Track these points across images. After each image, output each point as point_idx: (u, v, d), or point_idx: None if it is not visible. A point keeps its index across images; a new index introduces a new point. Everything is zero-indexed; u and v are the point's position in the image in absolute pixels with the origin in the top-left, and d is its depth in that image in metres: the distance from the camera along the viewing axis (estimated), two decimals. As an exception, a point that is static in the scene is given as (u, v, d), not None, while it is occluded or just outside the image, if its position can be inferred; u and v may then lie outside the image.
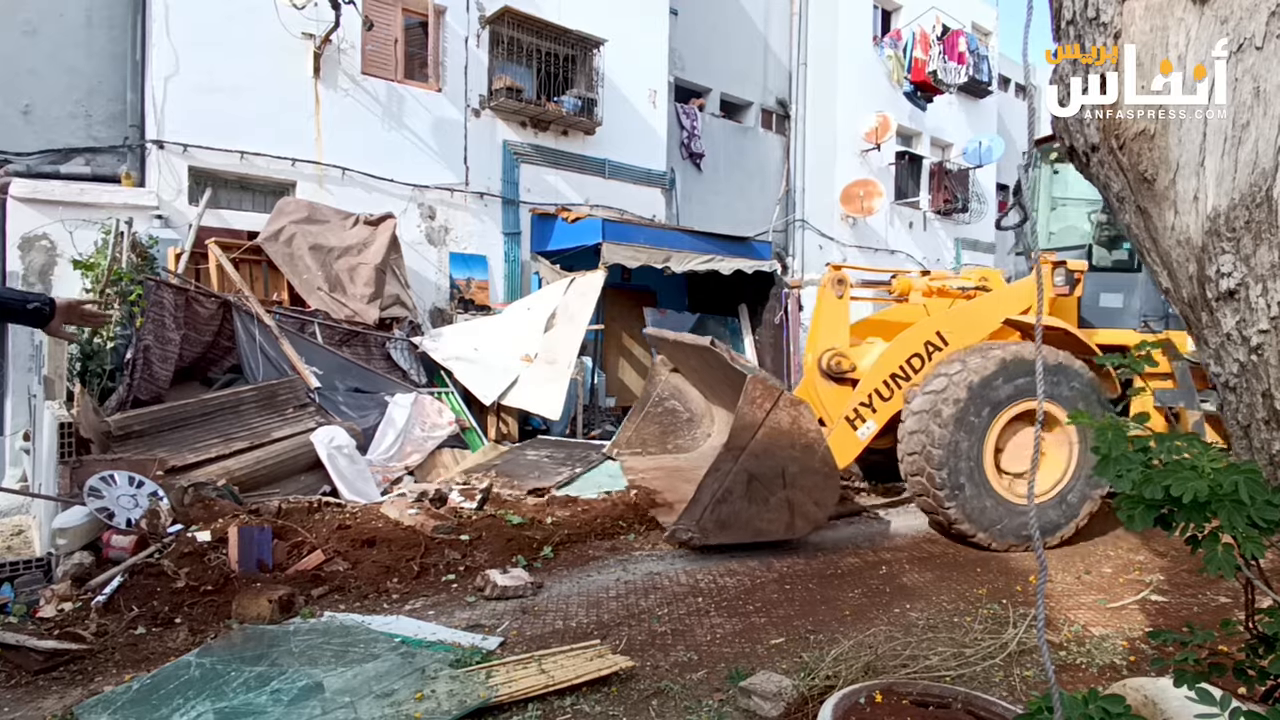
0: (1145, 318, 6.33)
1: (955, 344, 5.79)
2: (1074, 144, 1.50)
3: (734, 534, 4.96)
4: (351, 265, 8.64)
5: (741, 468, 4.85)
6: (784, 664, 3.51)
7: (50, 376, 5.28)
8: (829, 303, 6.28)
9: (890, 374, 5.75)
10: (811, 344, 6.30)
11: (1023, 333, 6.14)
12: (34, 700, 3.03)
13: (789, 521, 5.09)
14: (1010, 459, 5.62)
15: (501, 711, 3.00)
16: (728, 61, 14.45)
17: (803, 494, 5.07)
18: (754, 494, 4.95)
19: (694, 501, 4.92)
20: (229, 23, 8.80)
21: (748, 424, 4.84)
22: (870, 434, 5.76)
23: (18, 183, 7.76)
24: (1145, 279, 6.33)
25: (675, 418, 6.90)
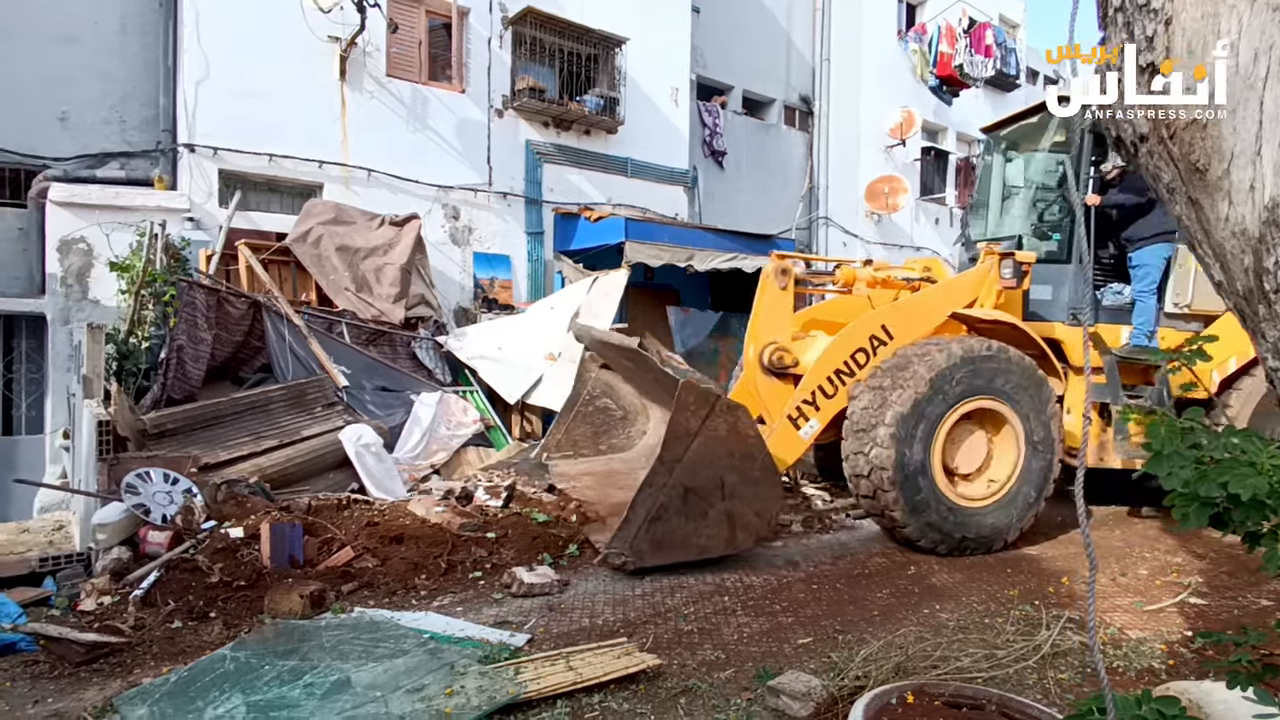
0: (1074, 310, 6.16)
1: (901, 338, 5.60)
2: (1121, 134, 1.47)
3: (672, 553, 4.65)
4: (378, 266, 8.74)
5: (677, 481, 4.54)
6: (812, 664, 3.48)
7: (88, 376, 5.40)
8: (772, 294, 5.93)
9: (834, 370, 5.52)
10: (752, 337, 5.95)
11: (970, 326, 5.96)
12: (75, 691, 3.10)
13: (729, 535, 4.78)
14: (958, 459, 5.43)
15: (530, 708, 3.01)
16: (750, 58, 14.38)
17: (743, 505, 4.78)
18: (691, 509, 4.64)
19: (626, 521, 4.57)
20: (258, 28, 8.93)
21: (682, 434, 4.51)
22: (813, 433, 5.52)
23: (56, 187, 7.94)
24: (1075, 271, 6.17)
25: (608, 416, 6.47)
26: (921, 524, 5.11)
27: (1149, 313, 6.07)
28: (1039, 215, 6.68)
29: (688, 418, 4.52)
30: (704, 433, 4.57)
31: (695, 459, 4.56)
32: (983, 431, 5.51)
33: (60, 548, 4.95)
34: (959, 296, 5.99)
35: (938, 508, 5.14)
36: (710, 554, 4.77)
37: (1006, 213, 7.09)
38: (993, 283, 5.95)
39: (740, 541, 4.84)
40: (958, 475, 5.44)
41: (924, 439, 5.07)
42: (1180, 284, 6.17)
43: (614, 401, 6.45)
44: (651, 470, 4.56)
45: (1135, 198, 6.02)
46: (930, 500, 5.10)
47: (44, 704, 3.00)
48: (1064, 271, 6.21)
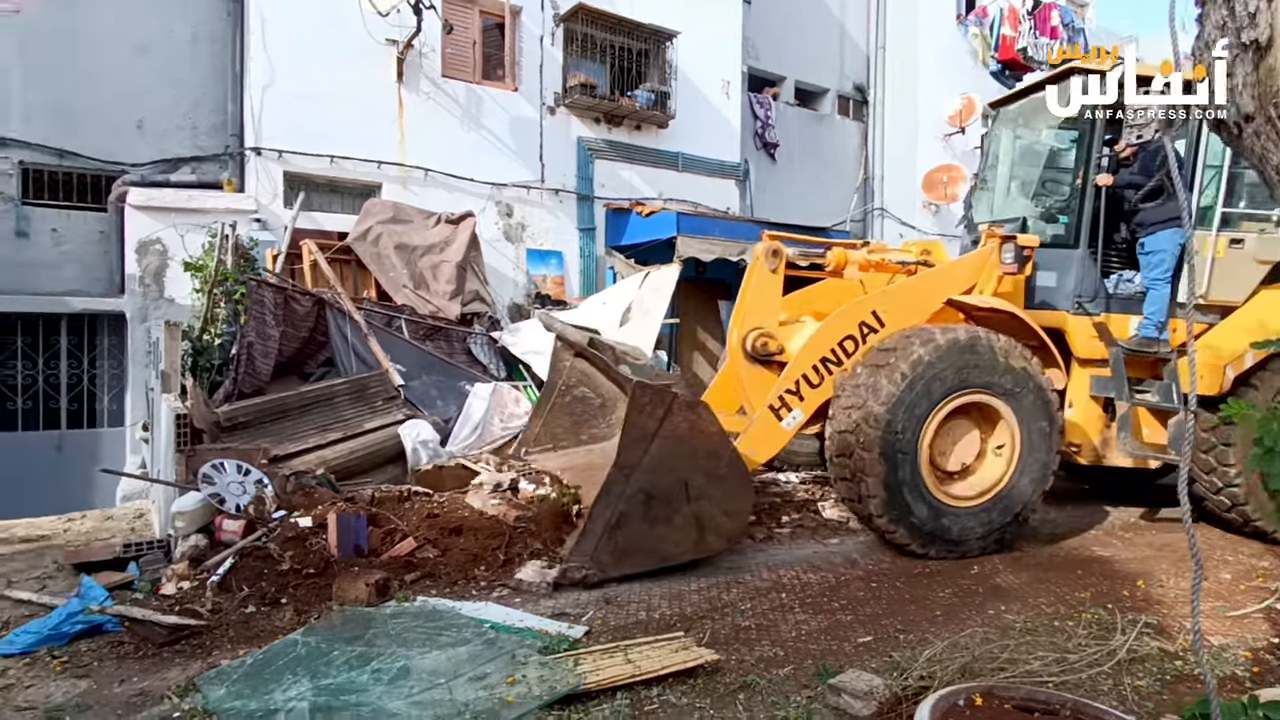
0: (1079, 299, 5.80)
1: (893, 325, 5.28)
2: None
3: (637, 562, 4.43)
4: (434, 263, 8.92)
5: (637, 486, 4.32)
6: (873, 663, 3.42)
7: (166, 371, 5.66)
8: (761, 276, 5.58)
9: (820, 358, 5.22)
10: (737, 322, 5.61)
11: (967, 314, 5.62)
12: (159, 671, 3.26)
13: (698, 539, 4.57)
14: (949, 456, 5.12)
15: (590, 699, 3.04)
16: (803, 48, 14.15)
17: (711, 506, 4.55)
18: (655, 514, 4.41)
19: (584, 533, 4.37)
20: (319, 33, 9.19)
21: (639, 436, 4.30)
22: (797, 424, 5.22)
23: (133, 191, 8.33)
24: (1083, 256, 5.80)
25: (586, 405, 6.20)
26: (906, 523, 4.85)
27: (1160, 302, 5.66)
28: (1046, 196, 6.29)
29: (643, 419, 4.30)
30: (662, 433, 4.32)
31: (655, 462, 4.33)
32: (976, 427, 5.20)
33: (141, 535, 5.22)
34: (956, 282, 5.64)
35: (924, 506, 4.86)
36: (677, 560, 4.55)
37: (1012, 194, 6.70)
38: (993, 268, 5.61)
39: (711, 544, 4.62)
40: (948, 473, 5.14)
41: (910, 434, 4.79)
42: (1196, 273, 5.76)
43: (591, 390, 6.17)
44: (608, 477, 4.34)
45: (1148, 179, 5.63)
46: (915, 499, 4.84)
47: (130, 683, 3.16)
48: (1071, 257, 5.81)
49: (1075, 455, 5.87)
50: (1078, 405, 5.82)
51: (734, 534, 4.74)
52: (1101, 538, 5.69)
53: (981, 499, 5.07)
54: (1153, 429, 5.78)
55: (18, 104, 8.38)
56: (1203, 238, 5.69)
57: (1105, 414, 5.80)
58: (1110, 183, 5.66)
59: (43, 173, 8.65)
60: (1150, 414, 5.78)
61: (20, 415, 8.52)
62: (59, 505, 6.83)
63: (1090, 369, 5.79)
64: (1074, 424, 5.78)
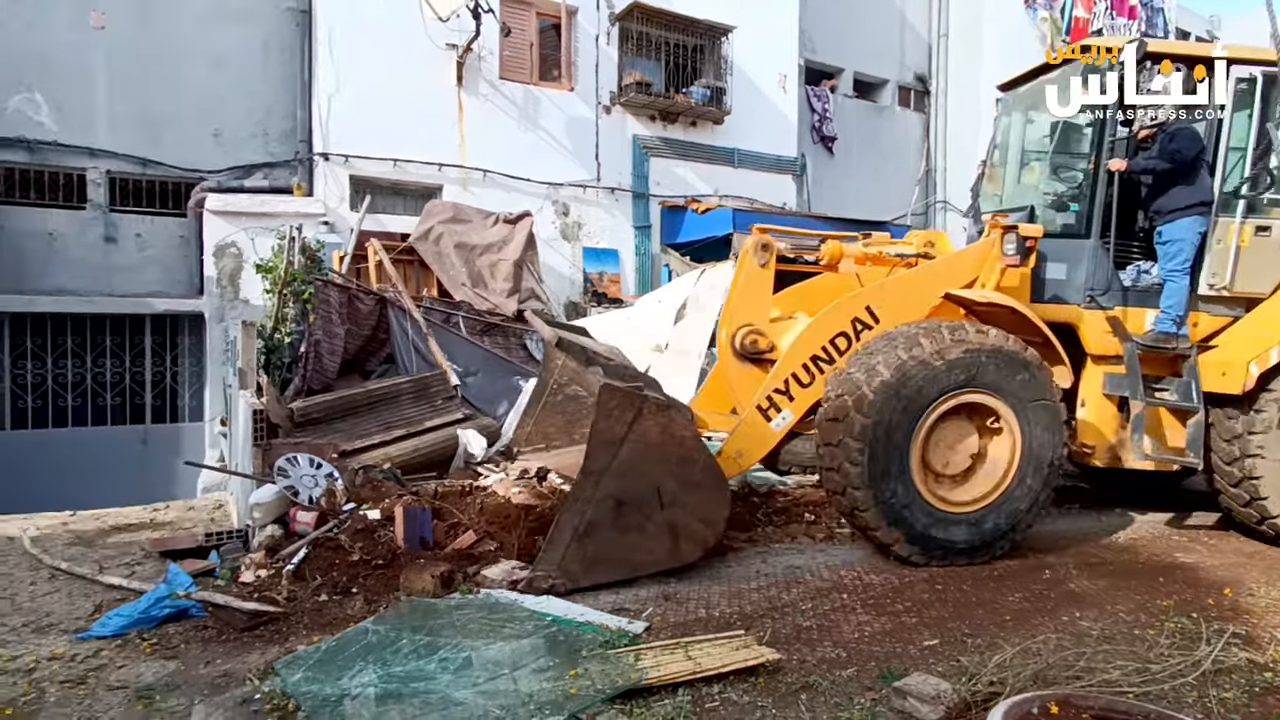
0: (1091, 291, 5.42)
1: (888, 322, 4.97)
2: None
3: (607, 571, 4.25)
4: (492, 262, 9.09)
5: (605, 493, 4.15)
6: (939, 667, 3.34)
7: (243, 369, 5.92)
8: (750, 271, 5.30)
9: (811, 356, 4.93)
10: (727, 319, 5.36)
11: (967, 309, 5.29)
12: (240, 655, 3.42)
13: (672, 547, 4.37)
14: (943, 460, 4.79)
15: (651, 694, 3.05)
16: (861, 39, 13.88)
17: (686, 513, 4.35)
18: (625, 521, 4.23)
19: (551, 541, 4.20)
20: (383, 41, 9.47)
21: (606, 441, 4.13)
22: (786, 425, 4.95)
23: (211, 197, 8.74)
24: (1094, 247, 5.40)
25: (579, 404, 6.07)
26: (895, 529, 4.60)
27: (1178, 295, 5.25)
28: (1057, 183, 5.92)
29: (611, 423, 4.12)
30: (631, 438, 4.13)
31: (625, 467, 4.16)
32: (974, 428, 4.89)
33: (221, 525, 5.48)
34: (956, 275, 5.31)
35: (915, 511, 4.57)
36: (650, 569, 4.35)
37: (1023, 181, 6.31)
38: (995, 260, 5.27)
39: (686, 553, 4.42)
40: (943, 476, 4.80)
41: (901, 436, 4.50)
42: (1218, 262, 5.33)
43: (584, 388, 6.03)
44: (575, 483, 4.22)
45: (1166, 163, 5.24)
46: (906, 503, 4.55)
47: (214, 665, 3.33)
48: (1082, 247, 5.43)
49: (1089, 457, 5.55)
50: (1091, 404, 5.50)
51: (710, 542, 4.51)
52: (1184, 543, 5.42)
53: (978, 504, 4.79)
54: (1174, 430, 5.41)
55: (105, 116, 8.88)
56: (1226, 225, 5.31)
57: (1120, 413, 5.46)
58: (1124, 167, 5.27)
59: (128, 181, 9.16)
60: (1170, 413, 5.43)
61: (109, 410, 9.04)
62: (144, 496, 7.22)
63: (1104, 366, 5.47)
64: (1087, 424, 5.47)
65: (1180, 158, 5.20)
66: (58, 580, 4.42)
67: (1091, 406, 5.51)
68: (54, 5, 8.62)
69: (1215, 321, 5.47)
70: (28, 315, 8.59)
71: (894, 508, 4.54)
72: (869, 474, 4.47)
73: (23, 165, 8.68)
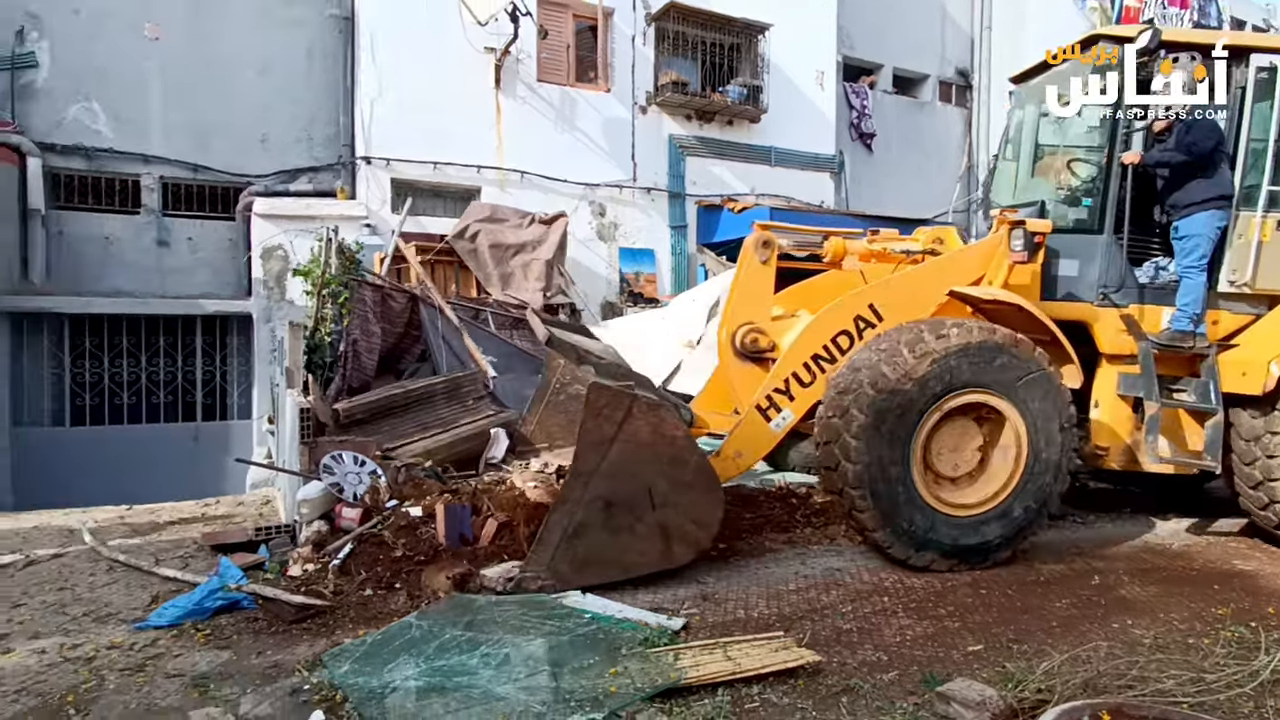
0: (1104, 289, 5.22)
1: (891, 320, 4.83)
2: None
3: (598, 572, 4.16)
4: (526, 261, 9.19)
5: (595, 494, 4.09)
6: (984, 673, 3.28)
7: (290, 368, 6.07)
8: (751, 269, 5.17)
9: (812, 354, 4.81)
10: (727, 317, 5.23)
11: (974, 307, 5.13)
12: (289, 646, 3.51)
13: (664, 549, 4.28)
14: (945, 460, 4.66)
15: (691, 693, 3.06)
16: (901, 34, 13.68)
17: (678, 514, 4.26)
18: (616, 523, 4.15)
19: (541, 542, 4.13)
20: (423, 46, 9.63)
21: (595, 441, 4.06)
22: (787, 425, 4.83)
23: (258, 201, 8.98)
24: (1108, 242, 5.18)
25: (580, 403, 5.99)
26: (893, 530, 4.47)
27: (1195, 292, 5.06)
28: (1068, 177, 5.70)
29: (600, 423, 4.06)
30: (621, 438, 4.06)
31: (614, 468, 4.09)
32: (978, 429, 4.76)
33: (269, 520, 5.62)
34: (962, 272, 5.17)
35: (914, 514, 4.45)
36: (642, 571, 4.26)
37: (1036, 175, 6.09)
38: (1003, 256, 5.10)
39: (678, 555, 4.34)
40: (945, 478, 4.68)
41: (901, 436, 4.40)
42: (1239, 258, 5.12)
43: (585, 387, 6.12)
44: (564, 484, 4.16)
45: (1183, 155, 5.03)
46: (905, 505, 4.43)
47: (264, 655, 3.42)
48: (1094, 243, 5.25)
49: (1102, 460, 5.37)
50: (1105, 405, 5.32)
51: (704, 544, 4.43)
52: (1243, 550, 5.23)
53: (982, 508, 4.65)
54: (1192, 432, 5.21)
55: (158, 124, 9.19)
56: (1247, 219, 5.10)
57: (1136, 415, 5.27)
58: (1138, 160, 5.09)
59: (180, 186, 9.46)
60: (1188, 415, 5.23)
61: (162, 408, 9.35)
62: (195, 491, 7.47)
63: (1119, 366, 5.29)
64: (1101, 426, 5.30)
65: (1197, 150, 5.01)
66: (116, 572, 4.59)
67: (1105, 407, 5.34)
68: (112, 18, 8.95)
69: (1236, 320, 5.29)
70: (86, 316, 8.93)
71: (894, 508, 4.44)
72: (867, 477, 4.39)
73: (81, 172, 9.02)
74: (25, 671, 3.24)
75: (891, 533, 4.48)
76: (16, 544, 5.12)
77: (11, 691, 3.06)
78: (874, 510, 4.43)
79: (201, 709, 2.88)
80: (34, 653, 3.42)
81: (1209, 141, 5.00)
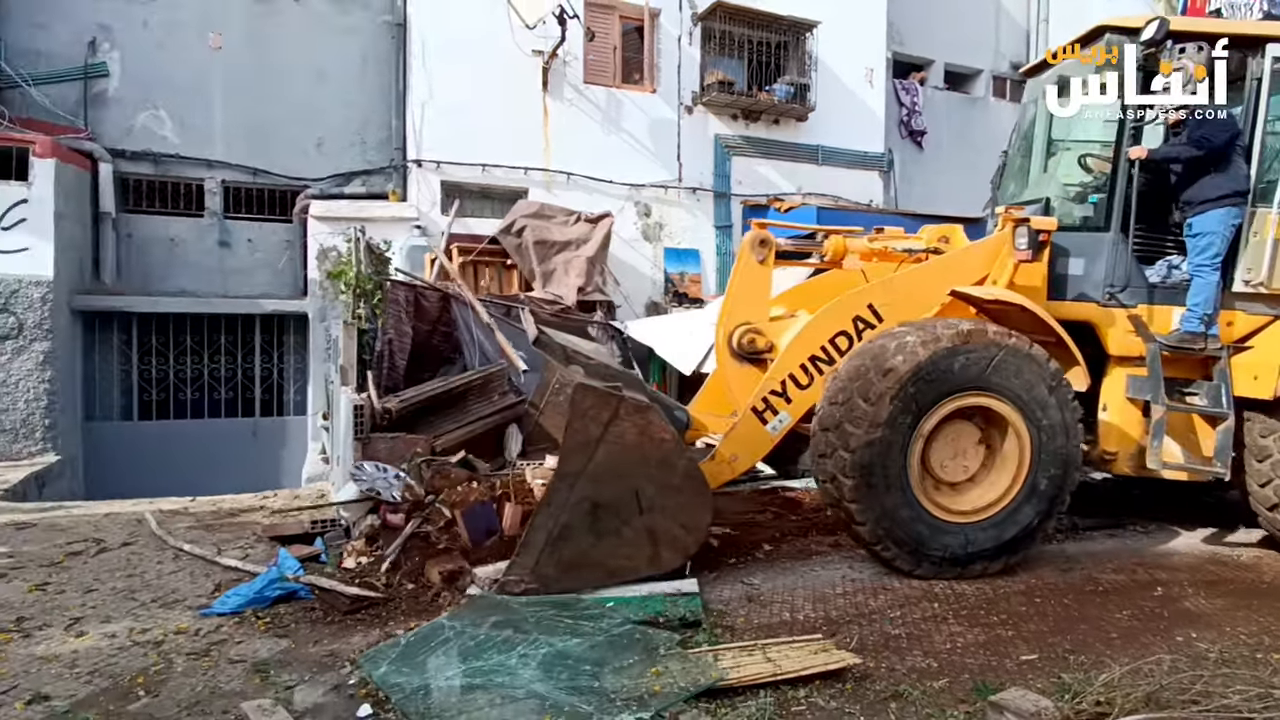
0: (1111, 288, 4.99)
1: (891, 320, 4.71)
2: None
3: (583, 577, 4.09)
4: (568, 259, 9.28)
5: (581, 496, 4.02)
6: (1039, 683, 3.20)
7: (344, 366, 6.24)
8: (748, 269, 5.08)
9: (810, 356, 4.70)
10: (724, 318, 5.12)
11: (978, 307, 4.95)
12: (345, 636, 3.62)
13: (652, 554, 4.19)
14: (944, 465, 4.54)
15: (735, 694, 3.05)
16: (953, 29, 13.39)
17: (666, 518, 4.17)
18: (602, 526, 4.07)
19: (525, 545, 4.06)
20: (472, 50, 9.79)
21: (582, 442, 3.99)
22: (783, 428, 4.72)
23: (314, 204, 9.24)
24: (1114, 240, 4.96)
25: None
26: (890, 537, 4.35)
27: (1206, 291, 4.86)
28: (1075, 173, 5.51)
29: (586, 424, 3.98)
30: (608, 440, 3.99)
31: (601, 470, 4.02)
32: (980, 433, 4.62)
33: (325, 513, 5.78)
34: (966, 271, 5.04)
35: (912, 520, 4.35)
36: (629, 575, 4.17)
37: (1046, 172, 5.89)
38: (1008, 255, 4.96)
39: (666, 560, 4.24)
40: (945, 483, 4.59)
41: (900, 439, 4.29)
42: (1254, 256, 4.90)
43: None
44: (549, 486, 4.11)
45: (1195, 150, 4.82)
46: (903, 511, 4.32)
47: (321, 644, 3.53)
48: (1101, 241, 5.08)
49: (1111, 464, 5.19)
50: (1113, 409, 5.13)
51: (692, 549, 4.33)
52: (1317, 563, 5.00)
53: (983, 514, 4.52)
54: (1204, 437, 5.02)
55: (220, 129, 9.54)
56: (1263, 216, 4.88)
57: (1146, 418, 5.05)
58: (1144, 155, 4.88)
59: (240, 189, 9.81)
60: (1201, 420, 5.03)
61: (223, 404, 9.70)
62: (254, 484, 7.73)
63: (1128, 368, 5.09)
64: (1110, 430, 5.11)
65: (1210, 145, 4.81)
66: (181, 560, 4.79)
67: (1114, 411, 5.16)
68: (178, 28, 9.32)
69: (1253, 321, 5.07)
70: (153, 315, 9.31)
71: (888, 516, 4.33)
72: (864, 483, 4.28)
73: (149, 177, 9.42)
74: (98, 654, 3.40)
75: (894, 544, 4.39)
76: (89, 532, 5.38)
77: (85, 673, 3.22)
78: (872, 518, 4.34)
79: (254, 700, 2.97)
80: (105, 636, 3.59)
81: (1222, 136, 4.82)
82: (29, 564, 4.64)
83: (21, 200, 7.99)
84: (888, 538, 4.35)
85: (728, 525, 5.26)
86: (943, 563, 4.44)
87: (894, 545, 4.37)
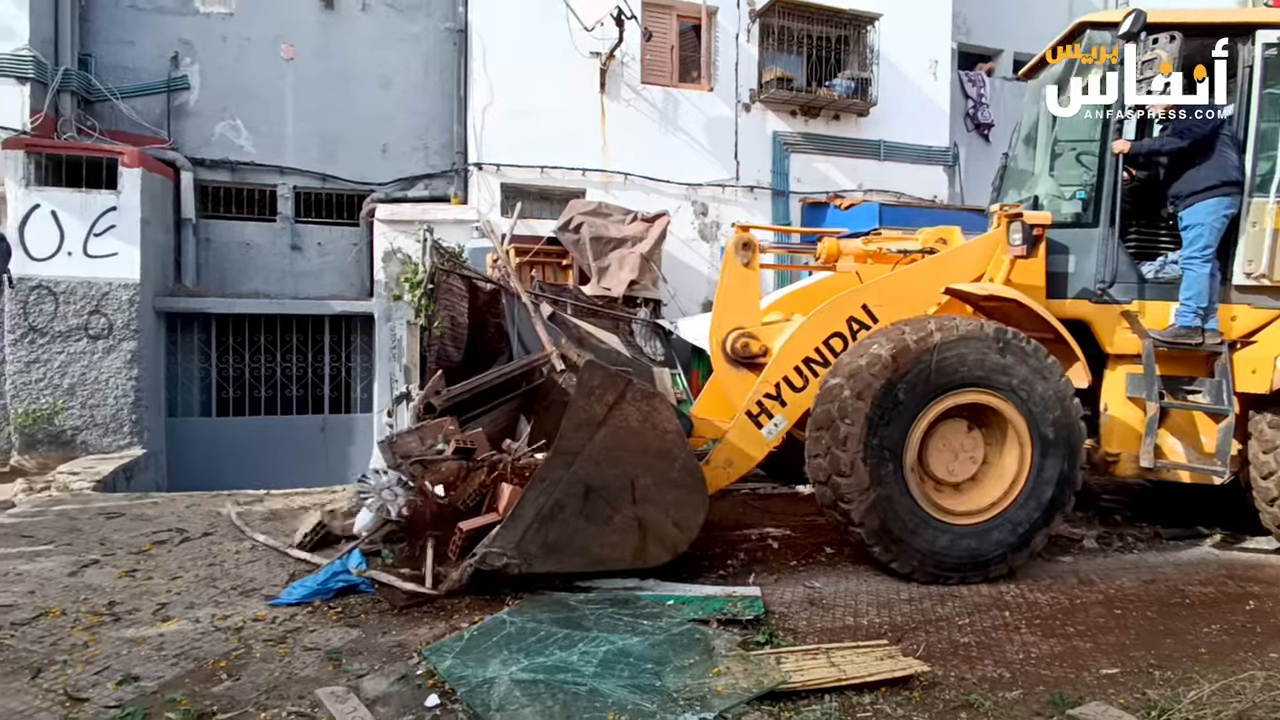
0: (1101, 284, 4.83)
1: (887, 320, 4.61)
2: None
3: (566, 560, 3.99)
4: (623, 255, 9.30)
5: (576, 477, 3.91)
6: (1121, 698, 3.05)
7: (409, 365, 6.41)
8: (735, 272, 5.06)
9: (804, 358, 4.65)
10: (717, 323, 5.10)
11: (974, 306, 4.82)
12: (411, 628, 3.71)
13: (639, 546, 4.06)
14: (941, 464, 4.43)
15: (798, 698, 3.00)
16: (1022, 16, 12.90)
17: (659, 512, 4.05)
18: (593, 510, 3.98)
19: (513, 518, 3.94)
20: (531, 53, 9.92)
21: (584, 422, 3.89)
22: (779, 432, 4.68)
23: (380, 208, 9.52)
24: (1104, 236, 4.78)
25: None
26: (887, 540, 4.22)
27: (1199, 284, 4.68)
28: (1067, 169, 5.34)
29: (591, 404, 3.88)
30: (610, 422, 3.90)
31: (599, 453, 3.93)
32: (979, 432, 4.46)
33: (388, 508, 5.91)
34: (962, 269, 4.95)
35: (910, 522, 4.23)
36: (611, 565, 4.07)
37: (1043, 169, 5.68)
38: (1003, 251, 4.82)
39: (652, 555, 4.10)
40: (944, 485, 4.48)
41: (895, 440, 4.21)
42: (1253, 247, 4.71)
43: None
44: (545, 462, 4.01)
45: (1179, 141, 4.66)
46: (900, 513, 4.21)
47: (389, 635, 3.63)
48: (1089, 237, 4.97)
49: (1114, 466, 4.98)
50: (1114, 408, 4.95)
51: (681, 548, 4.21)
52: None
53: (982, 516, 4.38)
54: (1207, 435, 4.83)
55: (291, 136, 9.91)
56: (1260, 206, 4.69)
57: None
58: (1127, 149, 4.74)
59: (310, 194, 10.17)
60: (1204, 417, 4.83)
61: (294, 401, 10.07)
62: (323, 479, 8.00)
63: (1127, 365, 4.92)
64: (1111, 429, 4.93)
65: (1193, 135, 4.66)
66: (257, 551, 4.98)
67: (1115, 410, 4.99)
68: (253, 41, 9.73)
69: (1258, 315, 4.85)
70: (230, 316, 9.74)
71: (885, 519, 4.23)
72: (860, 485, 4.19)
73: (226, 184, 9.86)
74: (183, 638, 3.57)
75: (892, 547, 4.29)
76: (172, 522, 5.65)
77: (171, 655, 3.38)
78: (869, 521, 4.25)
79: (327, 687, 3.06)
80: (190, 621, 3.76)
81: (1206, 125, 4.66)
82: (119, 551, 4.90)
83: (111, 208, 8.46)
84: (886, 539, 4.27)
85: (788, 527, 5.19)
86: (944, 566, 4.33)
87: (893, 546, 4.27)
